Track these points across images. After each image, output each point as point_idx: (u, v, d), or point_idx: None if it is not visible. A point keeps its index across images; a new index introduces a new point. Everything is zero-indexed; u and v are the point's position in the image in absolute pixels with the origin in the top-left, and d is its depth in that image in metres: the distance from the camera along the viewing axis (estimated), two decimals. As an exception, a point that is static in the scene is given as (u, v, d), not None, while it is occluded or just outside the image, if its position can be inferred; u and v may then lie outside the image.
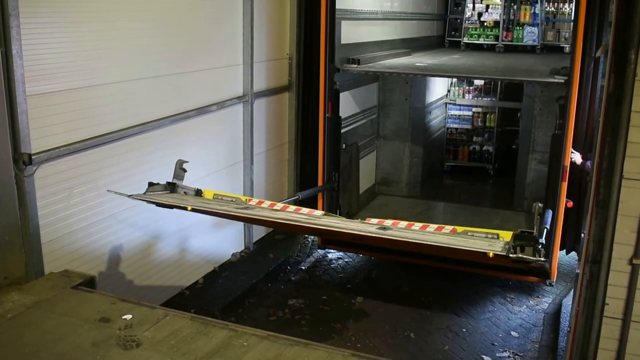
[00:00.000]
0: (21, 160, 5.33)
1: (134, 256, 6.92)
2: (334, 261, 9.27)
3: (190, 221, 7.76)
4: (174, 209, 6.14)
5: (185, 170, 6.09)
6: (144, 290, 7.04)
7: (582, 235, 5.87)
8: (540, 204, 5.92)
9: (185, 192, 6.09)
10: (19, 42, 5.13)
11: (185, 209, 5.85)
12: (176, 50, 7.16)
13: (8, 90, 5.15)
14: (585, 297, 5.10)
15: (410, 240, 5.20)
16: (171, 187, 6.05)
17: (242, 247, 9.13)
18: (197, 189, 6.18)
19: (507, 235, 5.11)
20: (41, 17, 5.42)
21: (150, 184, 5.97)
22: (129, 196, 5.74)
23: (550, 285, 8.23)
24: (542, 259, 4.93)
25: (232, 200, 6.07)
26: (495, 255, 4.92)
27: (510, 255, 4.76)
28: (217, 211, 5.96)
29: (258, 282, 8.31)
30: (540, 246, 5.03)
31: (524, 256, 4.83)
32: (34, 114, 5.41)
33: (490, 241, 5.13)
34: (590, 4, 7.46)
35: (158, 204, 5.92)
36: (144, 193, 5.87)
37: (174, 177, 6.10)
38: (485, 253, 4.94)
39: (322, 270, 9.01)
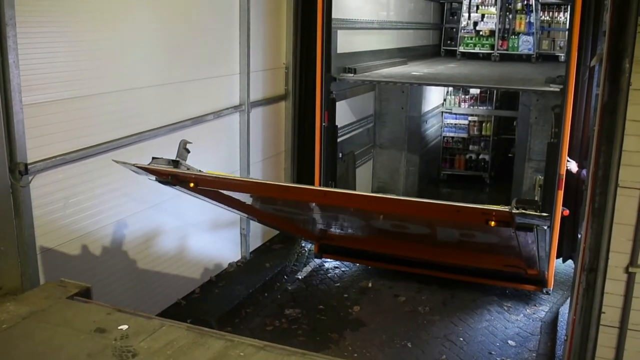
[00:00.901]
0: (17, 169, 5.32)
1: (130, 266, 6.90)
2: (330, 270, 9.25)
3: (186, 231, 7.76)
4: (176, 188, 6.05)
5: (188, 151, 6.00)
6: (140, 301, 7.01)
7: (579, 236, 5.86)
8: (540, 176, 5.86)
9: (188, 169, 6.00)
10: (16, 52, 5.13)
11: (187, 185, 5.77)
12: (172, 60, 7.17)
13: (4, 99, 5.15)
14: (582, 305, 5.10)
15: (407, 199, 5.18)
16: (174, 164, 5.95)
17: (239, 257, 9.11)
18: (200, 170, 6.12)
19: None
20: (38, 27, 5.43)
21: (154, 158, 5.89)
22: (134, 165, 5.59)
23: (547, 293, 8.22)
24: (545, 213, 4.79)
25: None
26: (497, 219, 4.81)
27: (513, 211, 4.64)
28: (221, 191, 5.90)
29: (254, 292, 8.28)
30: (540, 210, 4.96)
31: (527, 211, 4.71)
32: (30, 123, 5.40)
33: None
34: (584, 13, 7.51)
35: (161, 180, 5.83)
36: (149, 164, 5.78)
37: (177, 157, 6.02)
38: (487, 221, 4.86)
39: (318, 279, 8.99)
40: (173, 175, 5.81)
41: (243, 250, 9.15)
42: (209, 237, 8.30)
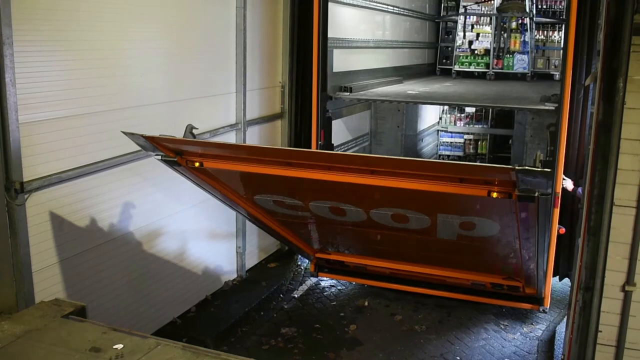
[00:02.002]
0: (13, 188, 5.31)
1: (126, 285, 6.87)
2: (327, 289, 9.22)
3: (182, 249, 7.74)
4: (180, 170, 5.92)
5: (194, 136, 5.85)
6: (135, 319, 6.98)
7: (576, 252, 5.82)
8: (540, 152, 5.76)
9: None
10: (13, 70, 5.15)
11: (193, 164, 5.62)
12: (169, 79, 7.20)
13: (1, 118, 5.16)
14: (578, 324, 5.10)
15: (405, 158, 5.08)
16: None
17: (235, 275, 9.09)
18: None
19: None
20: (35, 45, 5.45)
21: (162, 135, 5.74)
22: (142, 136, 5.38)
23: (544, 312, 8.20)
24: (547, 169, 4.62)
25: None
26: (499, 183, 4.72)
27: (517, 167, 4.46)
28: (226, 176, 5.79)
29: (250, 311, 8.25)
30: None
31: (529, 167, 4.51)
32: (26, 141, 5.41)
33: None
34: (579, 33, 7.57)
35: (167, 158, 5.67)
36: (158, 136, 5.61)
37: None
38: (489, 193, 4.74)
39: (314, 298, 8.96)
40: (180, 152, 5.65)
41: (239, 268, 9.13)
42: (204, 255, 8.28)
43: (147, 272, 7.19)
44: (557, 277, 8.86)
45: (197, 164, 5.68)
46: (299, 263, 9.81)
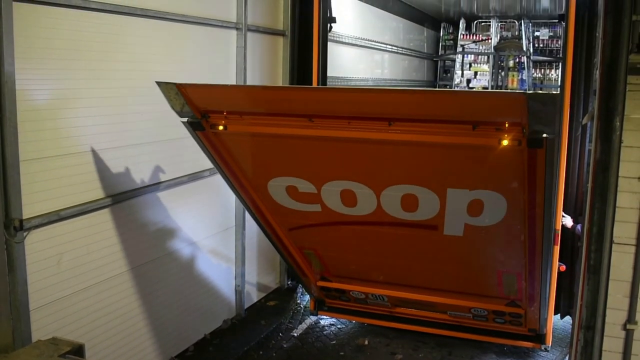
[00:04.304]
0: (12, 225, 5.31)
1: (124, 323, 6.82)
2: (326, 328, 9.15)
3: (180, 287, 7.70)
4: (201, 135, 5.99)
5: None
6: (133, 358, 6.91)
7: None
8: None
9: None
10: (15, 107, 5.19)
11: (216, 127, 5.73)
12: (169, 117, 7.23)
13: (2, 155, 5.17)
14: (580, 363, 5.05)
15: (421, 89, 5.12)
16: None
17: (234, 314, 9.02)
18: None
19: None
20: (36, 83, 5.49)
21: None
22: (175, 84, 5.45)
23: (546, 350, 8.12)
24: (554, 92, 4.66)
25: None
26: (509, 135, 4.80)
27: (527, 92, 4.53)
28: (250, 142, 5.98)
29: (249, 350, 8.17)
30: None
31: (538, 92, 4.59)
32: (26, 179, 5.43)
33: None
34: (575, 71, 7.66)
35: (193, 119, 5.76)
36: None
37: None
38: (499, 141, 4.83)
39: (314, 337, 8.88)
40: (206, 114, 5.76)
41: (238, 306, 9.06)
42: (203, 294, 8.23)
43: (145, 310, 7.14)
44: (559, 315, 8.80)
45: (220, 127, 5.76)
46: (299, 301, 9.75)
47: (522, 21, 17.23)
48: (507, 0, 14.86)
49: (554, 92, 4.62)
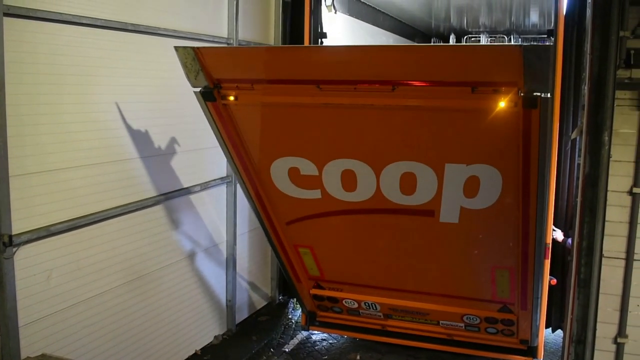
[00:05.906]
0: (1, 241, 5.28)
1: (114, 339, 6.77)
2: (318, 343, 9.11)
3: (171, 303, 7.66)
4: (212, 105, 6.02)
5: None
6: (122, 375, 6.86)
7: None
8: None
9: None
10: (5, 122, 5.18)
11: (227, 98, 5.81)
12: (160, 132, 7.25)
13: (-9, 171, 5.16)
14: (572, 378, 5.05)
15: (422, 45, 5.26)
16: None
17: (225, 329, 8.97)
18: None
19: None
20: (24, 101, 5.49)
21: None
22: (192, 49, 5.46)
23: (537, 364, 8.11)
24: (548, 44, 4.81)
25: None
26: (506, 96, 4.87)
27: (523, 44, 4.70)
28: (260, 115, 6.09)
29: (241, 365, 8.13)
30: None
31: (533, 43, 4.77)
32: (16, 195, 5.40)
33: None
34: (564, 86, 7.71)
35: (206, 88, 5.81)
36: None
37: None
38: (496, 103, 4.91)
39: (306, 352, 8.84)
40: (219, 85, 5.83)
41: (229, 322, 9.01)
42: (194, 309, 8.18)
43: (136, 326, 7.09)
44: (550, 328, 8.79)
45: (231, 98, 5.84)
46: (290, 317, 9.71)
47: (512, 36, 17.38)
48: (496, 16, 14.99)
49: (548, 44, 4.75)
